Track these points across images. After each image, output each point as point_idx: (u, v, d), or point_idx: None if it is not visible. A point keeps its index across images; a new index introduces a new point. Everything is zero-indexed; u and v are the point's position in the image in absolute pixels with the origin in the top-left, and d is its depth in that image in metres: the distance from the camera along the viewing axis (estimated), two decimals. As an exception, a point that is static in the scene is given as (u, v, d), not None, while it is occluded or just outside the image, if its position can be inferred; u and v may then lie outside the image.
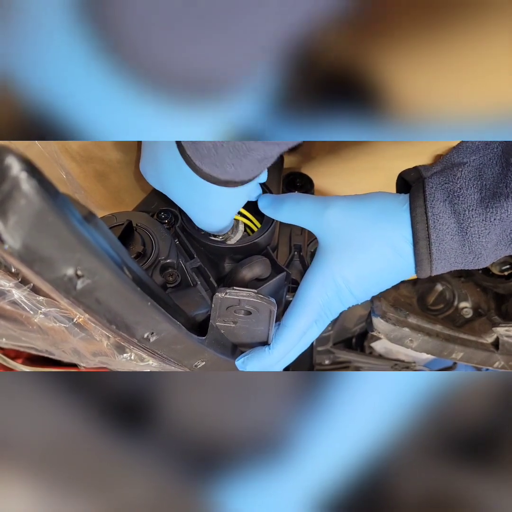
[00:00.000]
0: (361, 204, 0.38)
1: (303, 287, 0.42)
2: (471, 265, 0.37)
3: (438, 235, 0.35)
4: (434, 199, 0.35)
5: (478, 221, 0.34)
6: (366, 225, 0.38)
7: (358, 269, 0.39)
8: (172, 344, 0.38)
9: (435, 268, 0.37)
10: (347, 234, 0.38)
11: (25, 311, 0.40)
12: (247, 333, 0.45)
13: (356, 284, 0.40)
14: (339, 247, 0.39)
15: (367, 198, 0.39)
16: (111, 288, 0.28)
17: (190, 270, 0.49)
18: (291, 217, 0.43)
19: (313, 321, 0.42)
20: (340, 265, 0.39)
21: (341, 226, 0.38)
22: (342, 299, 0.41)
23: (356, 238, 0.38)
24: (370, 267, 0.39)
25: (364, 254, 0.38)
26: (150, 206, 0.54)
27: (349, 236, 0.38)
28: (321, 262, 0.40)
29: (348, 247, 0.38)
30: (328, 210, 0.39)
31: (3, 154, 0.19)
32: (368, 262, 0.38)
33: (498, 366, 0.67)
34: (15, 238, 0.21)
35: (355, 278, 0.39)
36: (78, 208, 0.25)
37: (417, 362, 0.84)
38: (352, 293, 0.40)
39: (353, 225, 0.38)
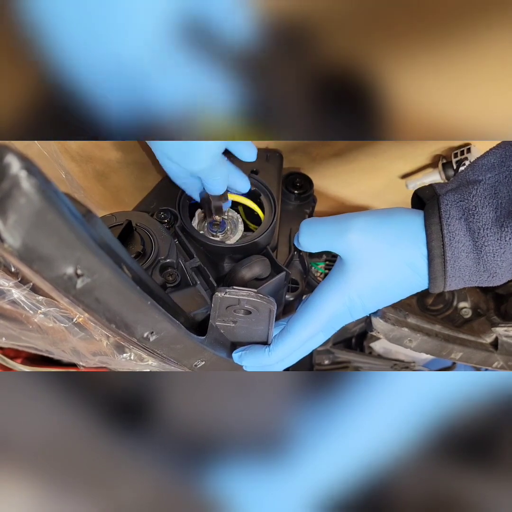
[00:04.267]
0: (381, 225, 0.39)
1: (316, 297, 0.42)
2: (486, 283, 0.37)
3: (453, 252, 0.35)
4: (449, 216, 0.35)
5: (493, 240, 0.34)
6: (386, 246, 0.39)
7: (374, 285, 0.40)
8: (172, 343, 0.38)
9: (449, 285, 0.37)
10: (368, 254, 0.39)
11: (25, 311, 0.40)
12: (247, 333, 0.45)
13: (370, 299, 0.41)
14: (359, 265, 0.39)
15: (386, 218, 0.40)
16: (111, 287, 0.28)
17: (189, 270, 0.49)
18: (311, 247, 0.43)
19: (319, 331, 0.43)
20: (358, 281, 0.40)
21: (363, 248, 0.39)
22: (352, 313, 0.42)
23: (376, 257, 0.39)
24: (387, 283, 0.39)
25: (382, 272, 0.39)
26: (149, 206, 0.54)
27: (370, 256, 0.39)
28: (339, 276, 0.41)
29: (367, 265, 0.39)
30: (349, 234, 0.39)
31: (3, 152, 0.19)
32: (386, 279, 0.39)
33: (497, 366, 0.67)
34: (14, 237, 0.20)
35: (370, 294, 0.40)
36: (78, 207, 0.25)
37: (416, 362, 0.84)
38: (364, 307, 0.41)
39: (374, 246, 0.39)
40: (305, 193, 0.67)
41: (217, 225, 0.54)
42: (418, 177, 0.72)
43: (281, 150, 0.67)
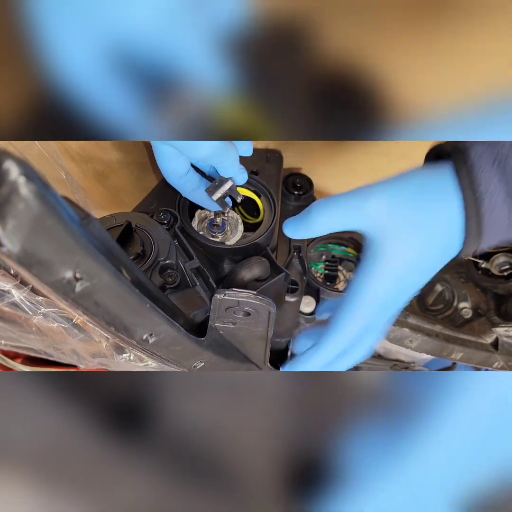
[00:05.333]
0: (404, 190, 0.35)
1: (358, 281, 0.37)
2: None
3: (490, 201, 0.33)
4: (481, 165, 0.33)
5: None
6: (418, 208, 0.35)
7: (414, 258, 0.36)
8: (171, 345, 0.38)
9: (485, 239, 0.34)
10: (396, 224, 0.35)
11: (25, 313, 0.40)
12: (246, 334, 0.45)
13: (413, 271, 0.37)
14: (393, 237, 0.35)
15: (410, 179, 0.36)
16: (110, 290, 0.28)
17: (189, 271, 0.49)
18: (327, 226, 0.39)
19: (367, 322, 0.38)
20: (397, 256, 0.36)
21: (388, 218, 0.35)
22: (400, 290, 0.38)
23: (410, 224, 0.35)
24: (427, 253, 0.36)
25: (421, 240, 0.35)
26: (149, 207, 0.54)
27: (398, 225, 0.35)
28: (375, 256, 0.36)
29: (404, 235, 0.35)
30: (369, 204, 0.35)
31: (2, 158, 0.19)
32: (425, 247, 0.36)
33: (497, 366, 0.67)
34: (13, 242, 0.21)
35: (411, 266, 0.36)
36: (77, 211, 0.25)
37: (416, 362, 0.84)
38: (408, 282, 0.38)
39: (399, 213, 0.35)
40: (305, 193, 0.67)
41: (217, 226, 0.54)
42: (418, 177, 0.71)
43: (281, 150, 0.67)
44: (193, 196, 0.52)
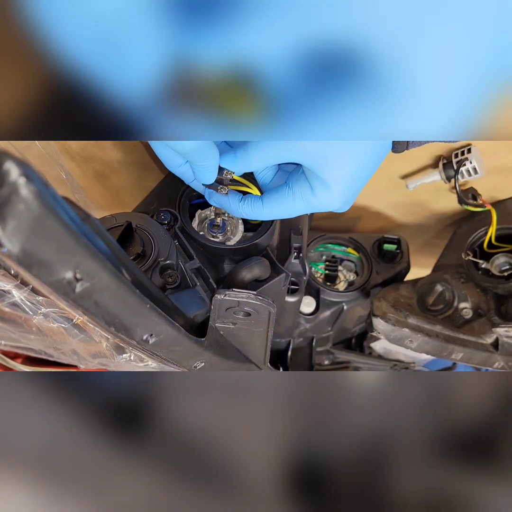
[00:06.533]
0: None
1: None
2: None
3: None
4: None
5: None
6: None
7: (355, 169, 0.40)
8: (171, 345, 0.38)
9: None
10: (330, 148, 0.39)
11: (25, 313, 0.40)
12: (246, 334, 0.45)
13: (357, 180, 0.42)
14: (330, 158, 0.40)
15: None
16: (110, 290, 0.28)
17: (189, 271, 0.49)
18: (263, 160, 0.43)
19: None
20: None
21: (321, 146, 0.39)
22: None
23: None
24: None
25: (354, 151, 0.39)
26: (149, 207, 0.54)
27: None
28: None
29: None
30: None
31: (2, 158, 0.19)
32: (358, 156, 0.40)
33: (497, 366, 0.67)
34: (13, 243, 0.21)
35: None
36: (77, 211, 0.25)
37: (416, 363, 0.84)
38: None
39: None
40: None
41: (217, 226, 0.54)
42: (418, 177, 0.71)
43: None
44: (194, 186, 0.50)
